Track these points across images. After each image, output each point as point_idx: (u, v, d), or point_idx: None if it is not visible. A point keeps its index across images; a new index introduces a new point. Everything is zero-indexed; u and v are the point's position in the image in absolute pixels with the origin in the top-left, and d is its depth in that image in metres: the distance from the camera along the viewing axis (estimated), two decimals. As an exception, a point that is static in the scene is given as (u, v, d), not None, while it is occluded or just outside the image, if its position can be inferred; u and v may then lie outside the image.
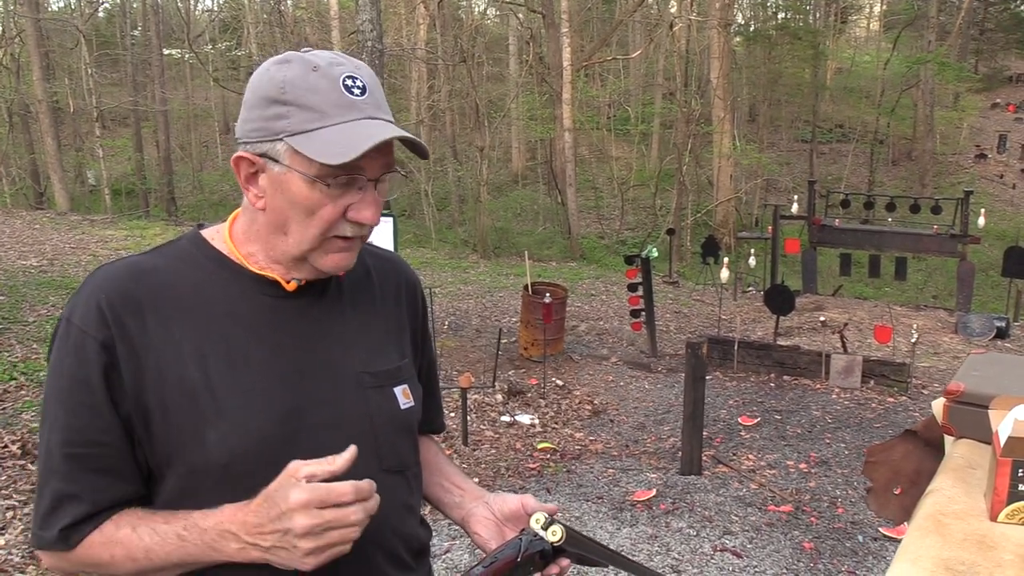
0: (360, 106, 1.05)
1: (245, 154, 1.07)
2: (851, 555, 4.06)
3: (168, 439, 1.05)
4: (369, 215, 1.07)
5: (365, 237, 1.13)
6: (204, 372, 1.05)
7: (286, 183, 1.05)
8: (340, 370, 1.15)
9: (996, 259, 11.88)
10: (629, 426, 6.13)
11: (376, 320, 1.23)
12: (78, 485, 1.04)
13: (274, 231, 1.09)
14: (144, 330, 1.05)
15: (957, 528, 1.25)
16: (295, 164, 1.04)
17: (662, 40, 23.88)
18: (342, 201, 1.06)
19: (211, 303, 1.10)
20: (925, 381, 7.13)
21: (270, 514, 0.96)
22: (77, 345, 1.04)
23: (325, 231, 1.07)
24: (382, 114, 1.08)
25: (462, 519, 1.28)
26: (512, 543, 1.01)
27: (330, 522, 0.96)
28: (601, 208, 22.47)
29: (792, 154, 26.75)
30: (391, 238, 5.98)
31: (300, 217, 1.06)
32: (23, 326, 6.94)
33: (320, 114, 1.03)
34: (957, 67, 24.59)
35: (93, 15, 27.49)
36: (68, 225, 13.96)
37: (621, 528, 4.30)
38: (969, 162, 26.93)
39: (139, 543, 1.03)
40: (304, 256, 1.09)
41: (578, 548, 1.05)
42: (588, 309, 10.20)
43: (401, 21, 22.16)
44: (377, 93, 1.09)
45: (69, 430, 1.04)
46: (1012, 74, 33.89)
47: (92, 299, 1.05)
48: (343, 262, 1.11)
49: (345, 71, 1.06)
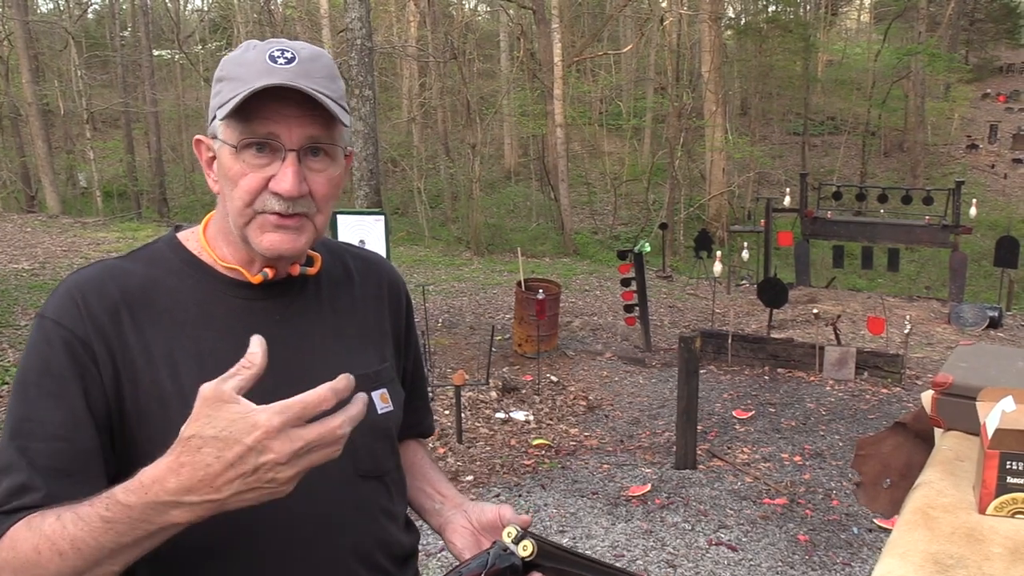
0: (279, 72, 1.01)
1: (201, 136, 1.09)
2: (846, 547, 4.07)
3: (141, 444, 1.02)
4: (287, 186, 1.02)
5: (316, 222, 1.08)
6: (176, 378, 1.03)
7: (221, 158, 1.05)
8: (315, 373, 1.09)
9: (988, 249, 11.90)
10: (624, 421, 6.13)
11: (355, 323, 1.21)
12: (33, 478, 0.95)
13: (225, 213, 1.08)
14: (120, 332, 1.03)
15: (946, 521, 1.25)
16: (225, 136, 1.04)
17: (653, 34, 23.87)
18: (264, 172, 1.03)
19: (184, 307, 1.08)
20: (919, 372, 7.14)
21: (226, 456, 0.80)
22: (49, 337, 1.01)
23: (248, 202, 1.04)
24: (304, 82, 1.01)
25: (440, 527, 1.26)
26: (479, 557, 0.99)
27: (313, 442, 0.82)
28: (594, 203, 22.45)
29: (784, 147, 26.77)
30: (383, 237, 5.96)
31: (229, 190, 1.05)
32: (15, 330, 6.92)
33: (241, 82, 1.01)
34: (948, 58, 24.66)
35: (82, 17, 27.41)
36: (60, 228, 13.91)
37: (616, 523, 4.30)
38: (960, 152, 27.01)
39: (63, 532, 0.87)
40: (244, 236, 1.06)
41: (552, 562, 1.02)
42: (582, 305, 10.20)
43: (391, 18, 22.13)
44: (310, 65, 1.03)
45: (31, 421, 0.98)
46: (1002, 64, 33.99)
47: (68, 296, 1.03)
48: (280, 243, 1.05)
49: (278, 46, 1.04)
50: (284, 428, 0.81)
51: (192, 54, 25.11)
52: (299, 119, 1.02)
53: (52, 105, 22.86)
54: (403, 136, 23.95)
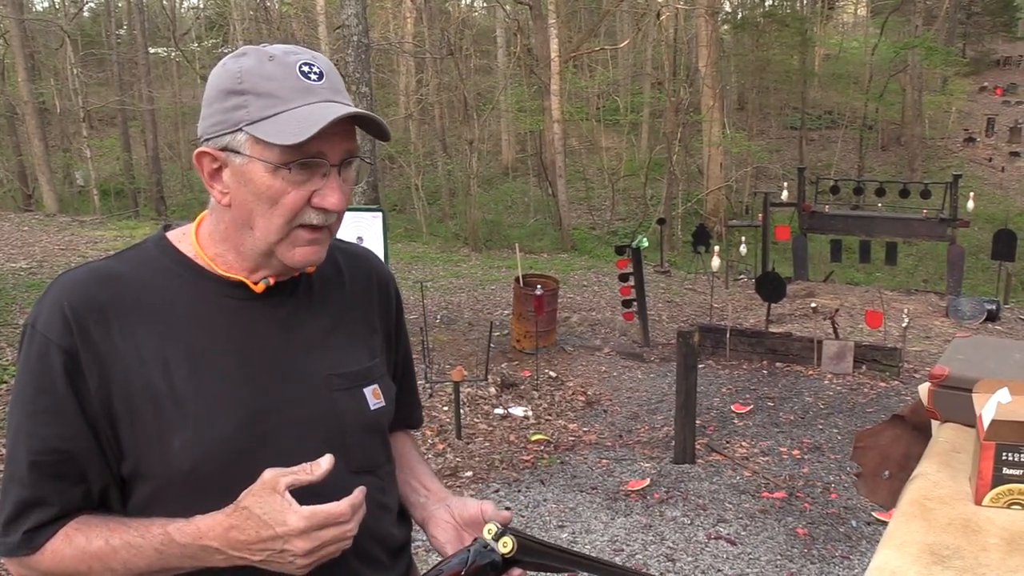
0: (317, 90, 1.04)
1: (207, 149, 1.07)
2: (845, 540, 4.08)
3: (135, 446, 1.04)
4: (335, 200, 1.05)
5: (333, 230, 1.12)
6: (168, 378, 1.04)
7: (248, 174, 1.04)
8: (307, 372, 1.14)
9: (986, 242, 11.90)
10: (622, 416, 6.14)
11: (346, 319, 1.22)
12: (43, 491, 1.02)
13: (240, 227, 1.08)
14: (108, 336, 1.04)
15: (942, 513, 1.25)
16: (256, 153, 1.03)
17: (650, 29, 23.83)
18: (306, 188, 1.05)
19: (175, 307, 1.08)
20: (917, 365, 7.15)
21: (261, 534, 0.97)
22: (41, 352, 1.03)
23: (290, 220, 1.05)
24: (340, 98, 1.06)
25: (423, 520, 1.28)
26: (460, 555, 1.00)
27: (328, 541, 0.99)
28: (592, 199, 22.45)
29: (781, 141, 26.76)
30: (380, 233, 5.96)
31: (264, 208, 1.05)
32: (13, 329, 6.91)
33: (278, 99, 1.02)
34: (944, 51, 24.60)
35: (78, 15, 27.34)
36: (57, 226, 13.89)
37: (615, 518, 4.31)
38: (958, 146, 26.99)
39: (115, 556, 1.02)
40: (271, 250, 1.07)
41: (533, 557, 1.03)
42: (580, 300, 10.20)
43: (387, 15, 22.08)
44: (334, 79, 1.08)
45: (32, 437, 1.02)
46: (999, 57, 33.96)
47: (56, 305, 1.04)
48: (311, 255, 1.09)
49: (301, 59, 1.05)
50: (308, 530, 0.97)
51: (188, 52, 25.08)
52: (341, 136, 1.05)
53: (48, 103, 22.78)
54: (400, 133, 23.91)
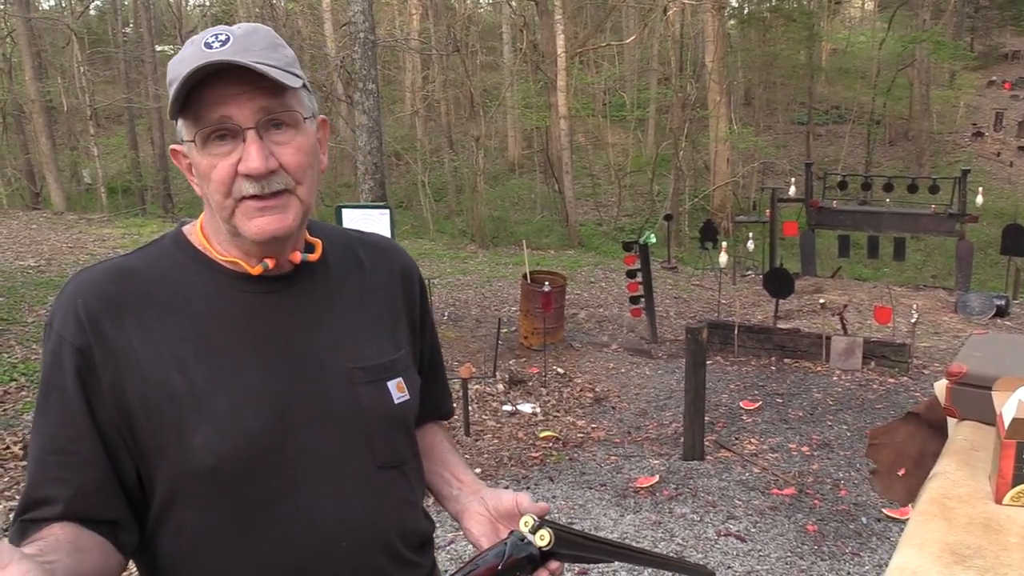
0: (212, 55, 0.98)
1: (175, 146, 1.09)
2: (855, 537, 4.06)
3: (153, 442, 1.03)
4: (254, 164, 1.00)
5: (296, 195, 1.06)
6: (185, 373, 1.03)
7: (192, 159, 1.05)
8: (328, 364, 1.12)
9: (994, 237, 11.86)
10: (631, 413, 6.13)
11: (367, 311, 1.20)
12: (49, 490, 1.01)
13: (213, 213, 1.08)
14: (124, 333, 1.03)
15: (962, 512, 1.24)
16: (186, 136, 1.04)
17: (656, 25, 23.75)
18: (231, 159, 1.02)
19: (192, 302, 1.08)
20: (926, 361, 7.12)
21: None
22: (55, 351, 1.03)
23: (225, 192, 1.03)
24: (241, 56, 0.98)
25: (457, 513, 1.25)
26: (496, 548, 0.98)
27: None
28: (598, 195, 22.40)
29: (788, 136, 26.66)
30: (388, 230, 5.97)
31: (207, 188, 1.05)
32: (22, 327, 6.94)
33: (176, 78, 1.00)
34: (952, 45, 24.47)
35: (84, 13, 27.37)
36: (65, 224, 13.94)
37: (625, 515, 4.30)
38: (966, 141, 26.85)
39: None
40: (234, 229, 1.06)
41: (570, 549, 1.01)
42: (587, 297, 10.19)
43: (393, 12, 22.09)
44: (246, 41, 1.01)
45: (43, 435, 1.03)
46: (1008, 51, 33.75)
47: (71, 304, 1.04)
48: (268, 226, 1.04)
49: (215, 31, 1.02)
50: None
51: (194, 49, 24.97)
52: (247, 95, 1.00)
53: (55, 102, 22.80)
54: (407, 130, 23.91)
